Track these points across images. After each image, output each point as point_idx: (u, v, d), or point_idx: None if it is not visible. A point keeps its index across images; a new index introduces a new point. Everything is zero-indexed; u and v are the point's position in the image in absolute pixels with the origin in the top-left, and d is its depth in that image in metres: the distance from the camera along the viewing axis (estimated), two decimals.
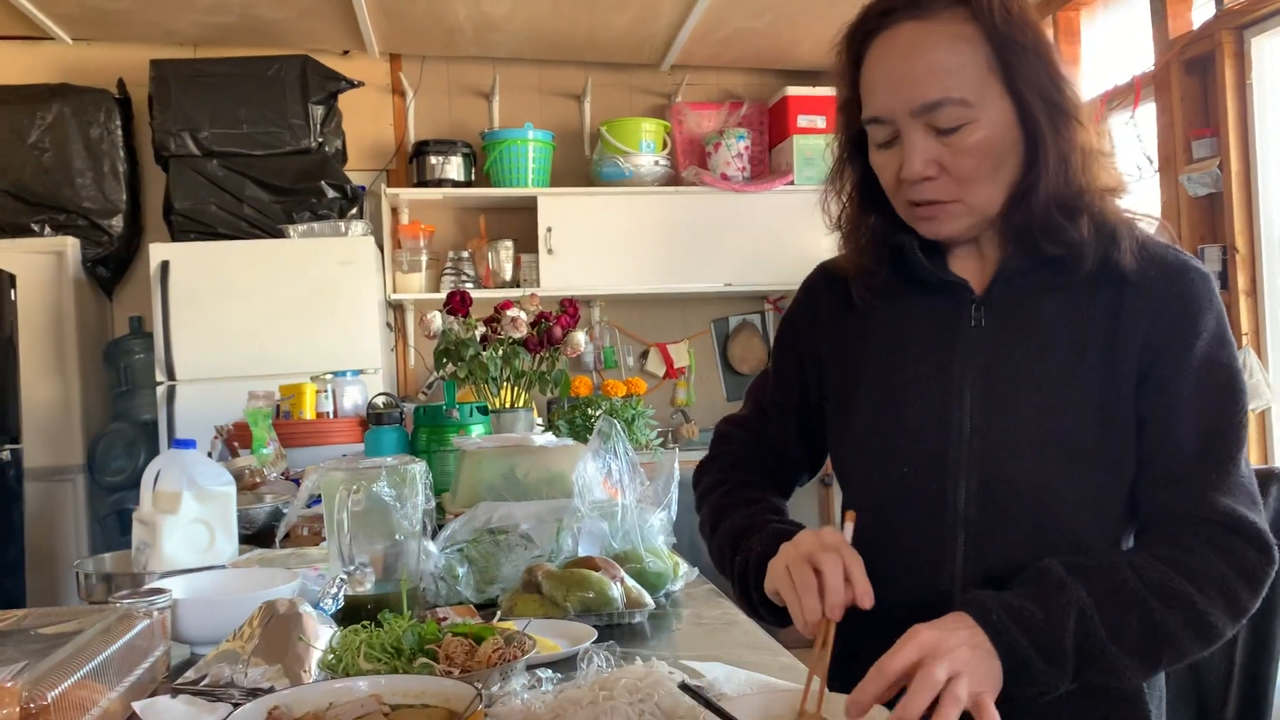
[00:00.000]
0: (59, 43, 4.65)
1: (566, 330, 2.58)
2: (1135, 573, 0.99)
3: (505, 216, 4.87)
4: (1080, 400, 1.06)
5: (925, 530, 1.11)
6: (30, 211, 4.34)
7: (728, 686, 1.08)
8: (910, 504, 1.12)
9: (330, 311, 4.12)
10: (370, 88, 4.81)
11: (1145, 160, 3.57)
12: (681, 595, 1.65)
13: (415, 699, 0.92)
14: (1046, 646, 0.94)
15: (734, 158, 4.79)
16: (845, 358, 1.22)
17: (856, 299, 1.21)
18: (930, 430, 1.11)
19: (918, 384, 1.13)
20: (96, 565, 1.68)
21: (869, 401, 1.17)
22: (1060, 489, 1.06)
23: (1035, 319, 1.10)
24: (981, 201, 1.08)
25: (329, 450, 2.64)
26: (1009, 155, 1.07)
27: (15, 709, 0.89)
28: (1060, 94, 1.06)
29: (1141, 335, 1.06)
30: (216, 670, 1.16)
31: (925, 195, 1.08)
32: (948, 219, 1.09)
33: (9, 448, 3.84)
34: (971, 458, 1.08)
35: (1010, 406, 1.08)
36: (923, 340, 1.15)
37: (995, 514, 1.07)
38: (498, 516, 1.68)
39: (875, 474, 1.16)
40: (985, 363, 1.10)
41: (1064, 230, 1.06)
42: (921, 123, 1.05)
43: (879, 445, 1.15)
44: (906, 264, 1.15)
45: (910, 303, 1.17)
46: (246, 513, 2.06)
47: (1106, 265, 1.07)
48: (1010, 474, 1.06)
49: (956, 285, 1.13)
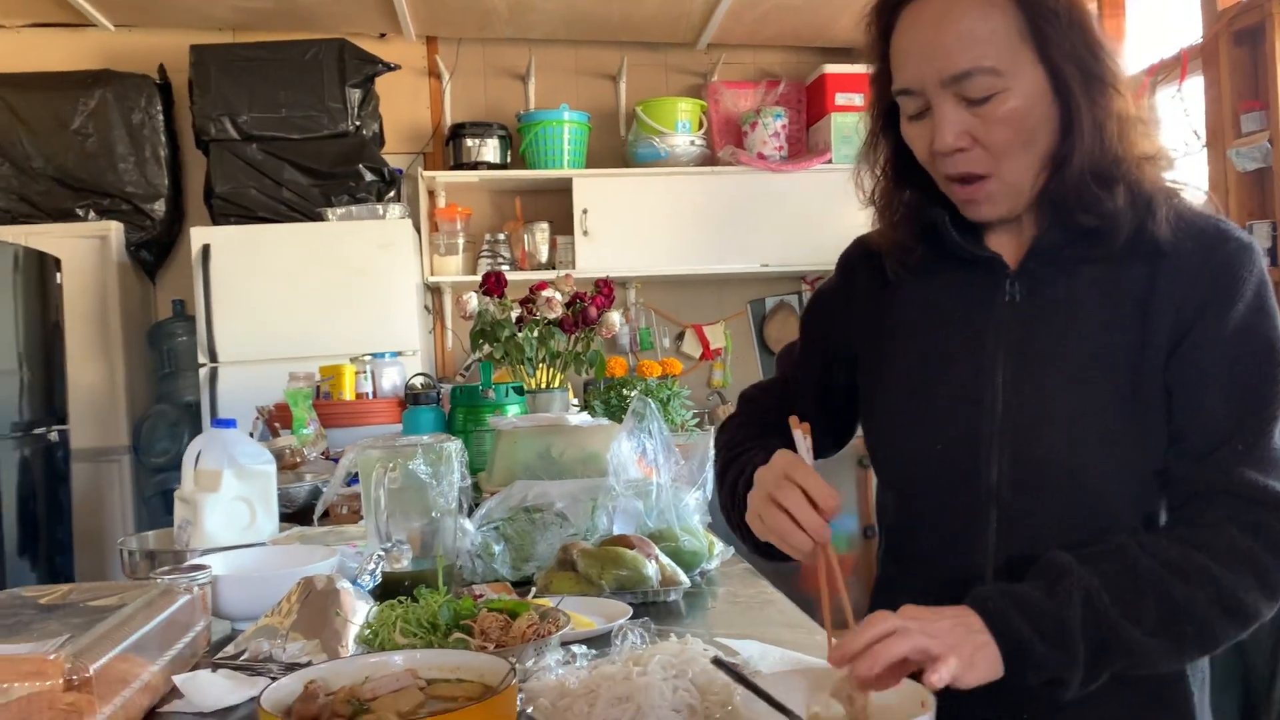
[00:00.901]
0: (101, 29, 4.70)
1: (602, 311, 2.58)
2: (1148, 553, 0.96)
3: (541, 198, 4.87)
4: (1113, 376, 1.04)
5: (958, 508, 1.09)
6: (75, 196, 4.40)
7: (763, 664, 1.08)
8: (943, 481, 1.10)
9: (368, 294, 4.15)
10: (407, 70, 4.82)
11: (1193, 135, 3.50)
12: (717, 574, 1.65)
13: (451, 673, 0.92)
14: (1049, 629, 0.91)
15: (771, 137, 4.75)
16: (878, 334, 1.20)
17: (890, 274, 1.19)
18: (962, 407, 1.09)
19: (950, 360, 1.12)
20: (140, 543, 1.71)
21: (901, 378, 1.16)
22: (1093, 466, 1.03)
23: (1069, 294, 1.07)
24: (1016, 174, 1.06)
25: (368, 430, 2.67)
26: (1043, 125, 1.04)
27: (59, 680, 0.90)
28: (1096, 61, 1.03)
29: (1174, 307, 1.04)
30: (255, 645, 1.18)
31: (959, 168, 1.06)
32: (987, 202, 1.07)
33: (56, 429, 3.91)
34: (1004, 435, 1.06)
35: (1042, 383, 1.06)
36: (956, 316, 1.13)
37: (1028, 491, 1.05)
38: (533, 495, 1.68)
39: (907, 451, 1.14)
40: (1018, 339, 1.08)
41: (1100, 201, 1.04)
42: (952, 93, 1.03)
43: (911, 422, 1.13)
44: (941, 239, 1.13)
45: (944, 278, 1.15)
46: (287, 491, 2.09)
47: (1141, 236, 1.05)
48: (1042, 451, 1.05)
49: (990, 260, 1.11)
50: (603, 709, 0.91)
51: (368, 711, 0.85)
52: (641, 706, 0.91)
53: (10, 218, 4.27)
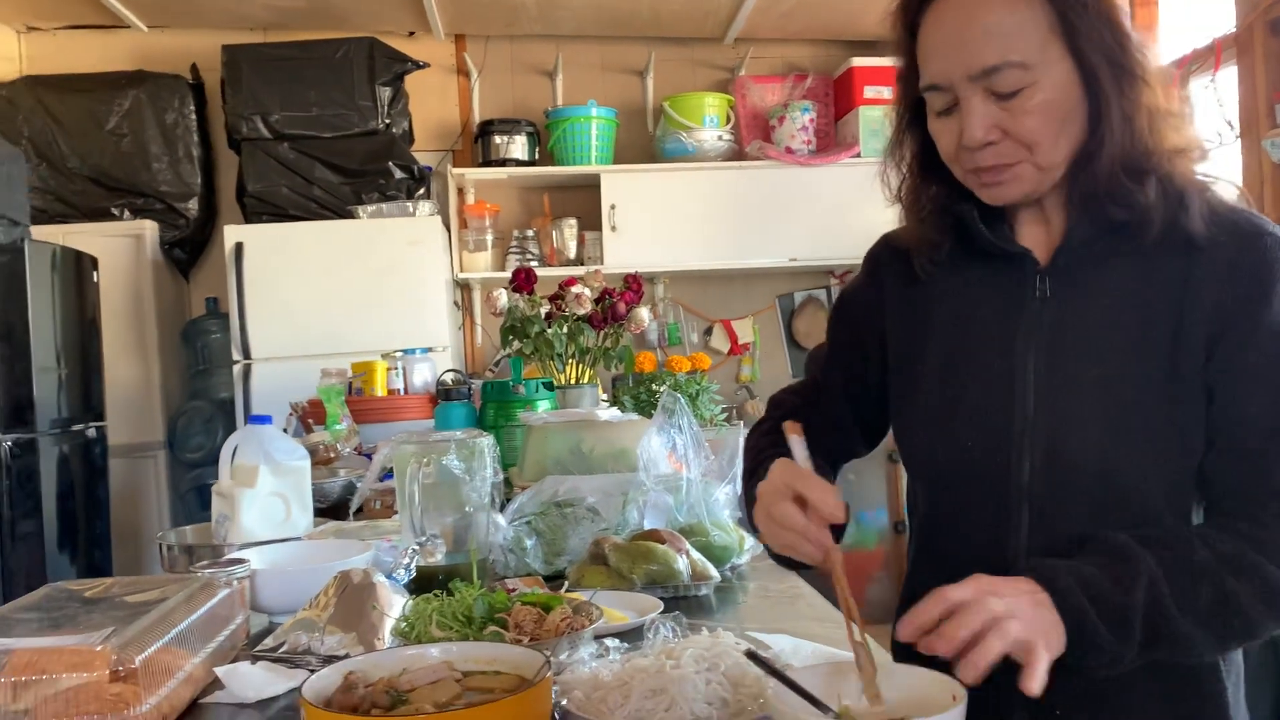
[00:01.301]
0: (134, 30, 4.76)
1: (630, 306, 2.59)
2: (1207, 545, 0.96)
3: (569, 194, 4.89)
4: (1147, 373, 1.03)
5: (989, 505, 1.08)
6: (110, 196, 4.47)
7: (794, 659, 1.08)
8: (974, 479, 1.10)
9: (399, 290, 4.18)
10: (436, 68, 4.85)
11: (1226, 126, 3.45)
12: (748, 568, 1.66)
13: (486, 666, 0.94)
14: (1113, 616, 0.92)
15: (799, 131, 4.74)
16: (909, 332, 1.20)
17: (919, 271, 1.18)
18: (993, 404, 1.08)
19: (981, 357, 1.11)
20: (178, 537, 1.74)
21: (932, 375, 1.15)
22: (1125, 464, 1.03)
23: (1101, 289, 1.06)
24: (1049, 160, 1.05)
25: (400, 426, 2.69)
26: (1072, 117, 1.04)
27: (105, 671, 0.93)
28: (1124, 52, 1.02)
29: (1210, 304, 1.02)
30: (294, 638, 1.20)
31: (988, 161, 1.05)
32: (1013, 182, 1.06)
33: (94, 425, 3.98)
34: (1035, 432, 1.06)
35: (1075, 380, 1.05)
36: (986, 312, 1.12)
37: (1059, 489, 1.05)
38: (564, 490, 1.70)
39: (938, 449, 1.13)
40: (1050, 335, 1.07)
41: (1130, 194, 1.03)
42: (981, 88, 1.02)
43: (942, 420, 1.13)
44: (969, 234, 1.13)
45: (974, 274, 1.14)
46: (321, 487, 2.11)
47: (1174, 231, 1.03)
48: (1074, 449, 1.04)
49: (1020, 255, 1.10)
50: (636, 701, 0.92)
51: (405, 702, 0.87)
52: (675, 699, 0.91)
53: (47, 217, 4.33)
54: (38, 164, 4.38)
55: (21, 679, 0.92)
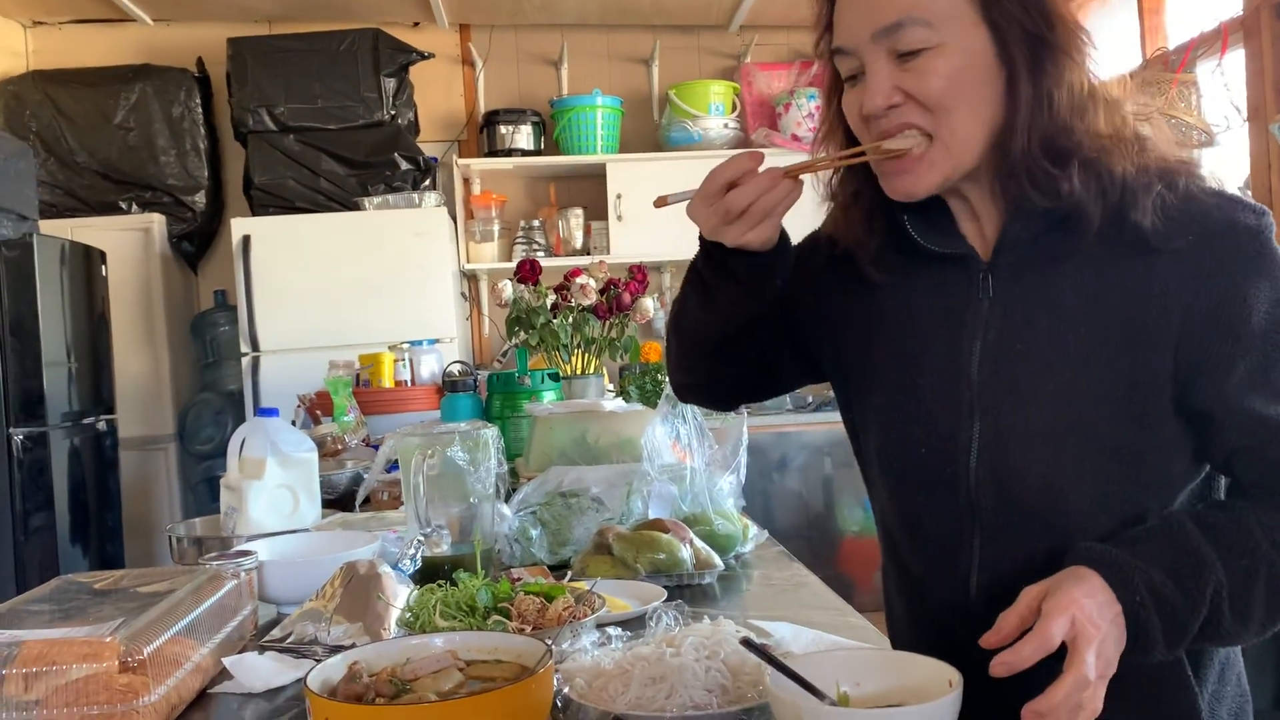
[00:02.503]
0: (140, 24, 4.78)
1: (635, 296, 2.59)
2: (1266, 534, 0.91)
3: (575, 184, 4.89)
4: (1100, 389, 0.96)
5: (942, 514, 1.04)
6: (118, 190, 4.49)
7: (794, 645, 1.09)
8: (927, 484, 1.05)
9: (406, 282, 4.20)
10: (440, 59, 4.85)
11: (1233, 110, 3.44)
12: (751, 557, 1.67)
13: (489, 655, 0.95)
14: (1174, 633, 0.89)
15: (805, 118, 4.73)
16: (858, 332, 1.13)
17: (872, 277, 1.10)
18: (943, 411, 1.03)
19: (929, 362, 1.05)
20: (187, 529, 1.76)
21: (884, 380, 1.09)
22: (1072, 483, 0.97)
23: (1049, 294, 0.99)
24: (958, 135, 0.97)
25: (407, 417, 2.70)
26: (984, 89, 0.97)
27: (114, 662, 0.94)
28: (1048, 27, 0.96)
29: (1180, 312, 0.94)
30: (301, 628, 1.21)
31: (892, 123, 0.98)
32: (924, 169, 0.99)
33: (105, 418, 4.00)
34: (981, 444, 1.00)
35: (1021, 393, 0.98)
36: (934, 314, 1.06)
37: (1006, 503, 0.99)
38: (569, 480, 1.71)
39: (893, 452, 1.08)
40: (995, 341, 1.01)
41: (1052, 178, 0.96)
42: (884, 49, 0.97)
43: (896, 423, 1.07)
44: (908, 235, 1.06)
45: (920, 274, 1.08)
46: (328, 478, 2.13)
47: (1124, 229, 0.95)
48: (1019, 464, 0.98)
49: (964, 256, 1.04)
50: (637, 689, 0.93)
51: (409, 691, 0.88)
52: (675, 686, 0.93)
53: (56, 212, 4.36)
54: (45, 158, 4.40)
55: (32, 670, 0.93)
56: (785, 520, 4.45)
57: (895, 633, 1.16)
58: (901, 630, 1.15)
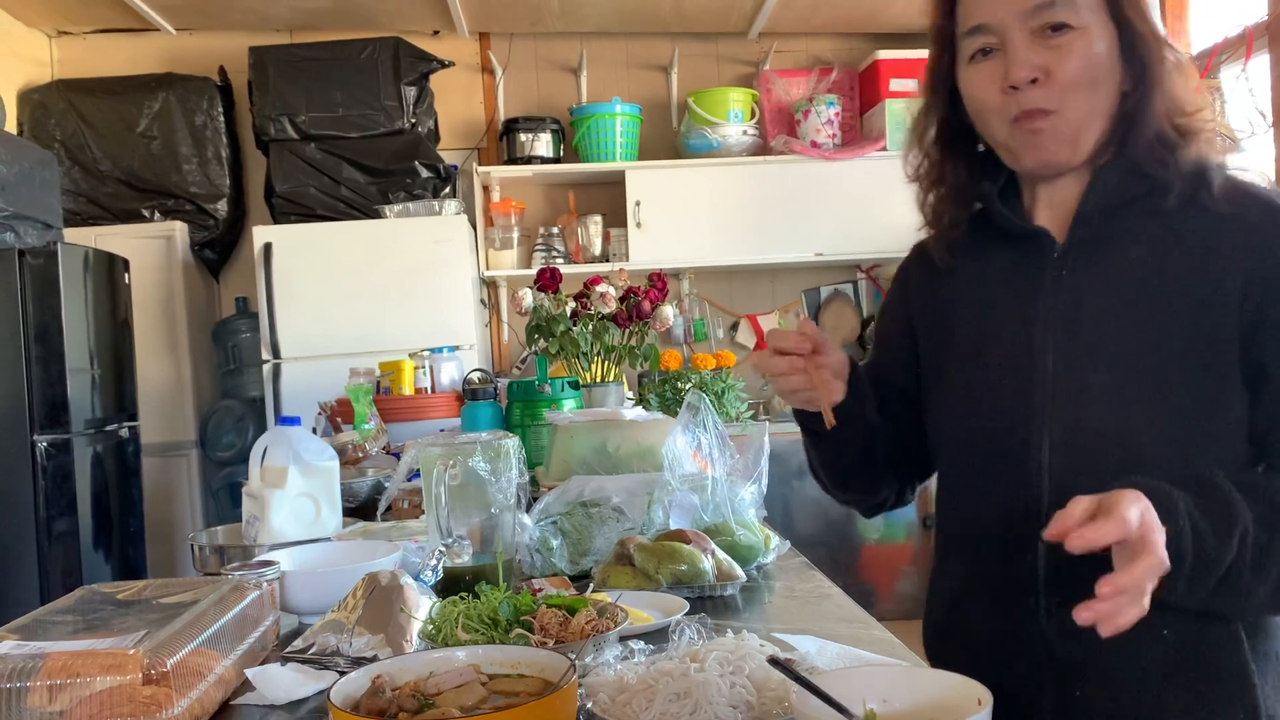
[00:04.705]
0: (163, 33, 4.81)
1: (655, 304, 2.59)
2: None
3: (594, 191, 4.89)
4: (1167, 344, 1.03)
5: (1009, 482, 1.09)
6: (140, 198, 4.52)
7: (819, 660, 1.08)
8: (995, 457, 1.11)
9: (426, 289, 4.21)
10: (460, 67, 4.86)
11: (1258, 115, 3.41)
12: (774, 568, 1.66)
13: (511, 669, 0.95)
14: (1201, 571, 0.92)
15: (824, 124, 4.72)
16: (935, 323, 1.22)
17: (938, 261, 1.20)
18: (1014, 383, 1.10)
19: (1001, 337, 1.12)
20: (210, 538, 1.76)
21: (956, 358, 1.17)
22: (1145, 436, 1.03)
23: (1119, 263, 1.07)
24: (1079, 116, 1.06)
25: (428, 425, 2.71)
26: (1108, 76, 1.06)
27: (138, 674, 0.94)
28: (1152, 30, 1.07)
29: (1243, 273, 1.02)
30: (323, 639, 1.21)
31: (1029, 103, 1.06)
32: (1051, 139, 1.07)
33: (127, 425, 4.03)
34: (1055, 408, 1.07)
35: (1093, 354, 1.06)
36: (1007, 294, 1.14)
37: (1080, 463, 1.05)
38: (590, 490, 1.70)
39: (962, 430, 1.15)
40: (1068, 311, 1.08)
41: (1163, 164, 1.05)
42: (1030, 27, 1.05)
43: (966, 401, 1.15)
44: (988, 216, 1.15)
45: (994, 256, 1.16)
46: (350, 486, 2.13)
47: (1194, 204, 1.05)
48: (1094, 422, 1.04)
49: (1038, 234, 1.12)
50: (661, 704, 0.93)
51: (432, 706, 0.88)
52: (699, 702, 0.92)
53: (80, 220, 4.39)
54: (70, 167, 4.44)
55: (57, 681, 0.93)
56: (805, 528, 4.43)
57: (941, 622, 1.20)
58: (953, 616, 1.18)
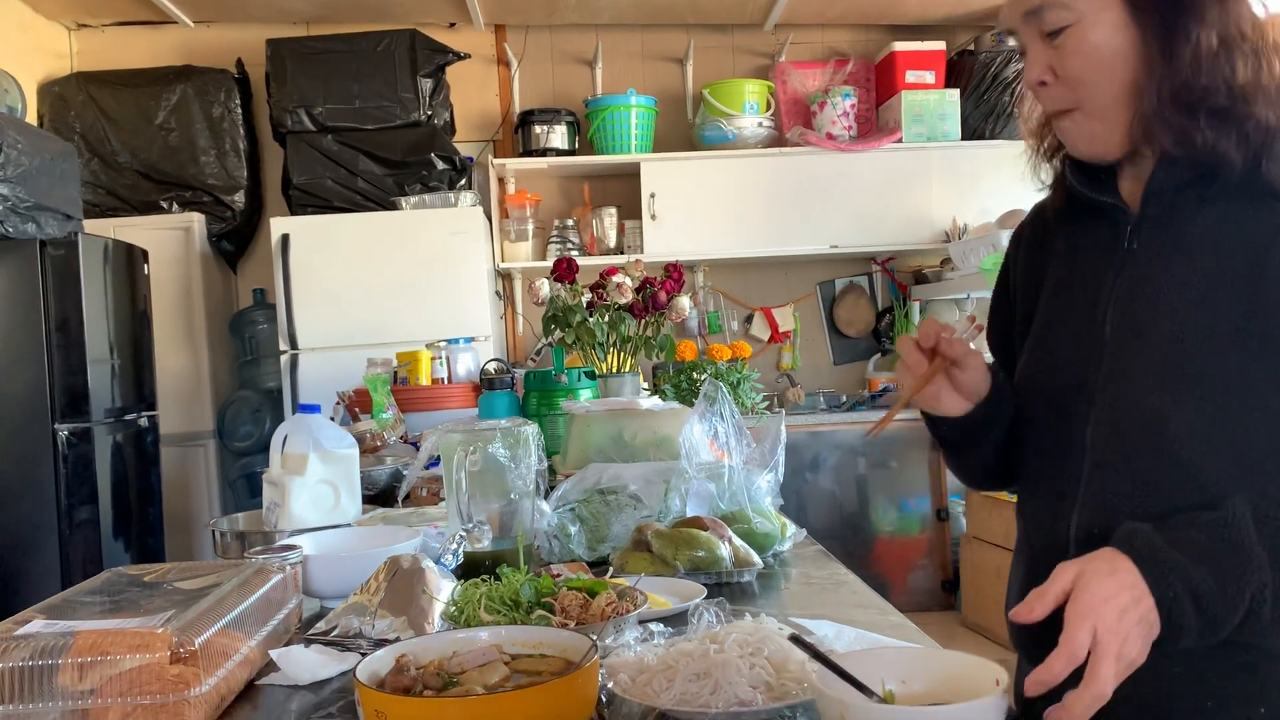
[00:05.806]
0: (181, 26, 4.84)
1: (671, 295, 2.60)
2: None
3: (609, 183, 4.90)
4: (1214, 327, 1.00)
5: (1055, 455, 1.12)
6: (159, 189, 4.55)
7: (837, 643, 1.09)
8: (1050, 428, 1.13)
9: (442, 281, 4.23)
10: (476, 59, 4.88)
11: None
12: (790, 555, 1.66)
13: (534, 649, 0.96)
14: (1209, 627, 0.90)
15: (839, 116, 4.71)
16: (1028, 292, 1.23)
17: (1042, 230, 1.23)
18: (1076, 358, 1.11)
19: (1072, 310, 1.14)
20: (230, 524, 1.78)
21: (1037, 329, 1.19)
22: (1181, 419, 1.01)
23: (1184, 241, 1.05)
24: (1100, 107, 1.06)
25: (444, 415, 2.72)
26: (1123, 56, 1.04)
27: (166, 653, 0.96)
28: None
29: None
30: (346, 622, 1.23)
31: (1051, 104, 1.09)
32: (1075, 133, 1.08)
33: (146, 415, 4.06)
34: (1105, 384, 1.07)
35: (1142, 334, 1.05)
36: (1084, 267, 1.15)
37: (1117, 441, 1.05)
38: (607, 477, 1.71)
39: (1030, 399, 1.17)
40: (1129, 288, 1.08)
41: (1184, 130, 1.01)
42: (1035, 30, 1.07)
43: (1035, 371, 1.17)
44: (1074, 191, 1.15)
45: (1080, 228, 1.17)
46: (368, 474, 2.14)
47: (1258, 178, 1.00)
48: (1133, 401, 1.05)
49: (1113, 208, 1.11)
50: (681, 684, 0.94)
51: (456, 684, 0.89)
52: (719, 682, 0.93)
53: (99, 211, 4.43)
54: (89, 159, 4.47)
55: (86, 659, 0.95)
56: (819, 519, 4.44)
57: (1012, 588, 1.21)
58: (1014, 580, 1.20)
